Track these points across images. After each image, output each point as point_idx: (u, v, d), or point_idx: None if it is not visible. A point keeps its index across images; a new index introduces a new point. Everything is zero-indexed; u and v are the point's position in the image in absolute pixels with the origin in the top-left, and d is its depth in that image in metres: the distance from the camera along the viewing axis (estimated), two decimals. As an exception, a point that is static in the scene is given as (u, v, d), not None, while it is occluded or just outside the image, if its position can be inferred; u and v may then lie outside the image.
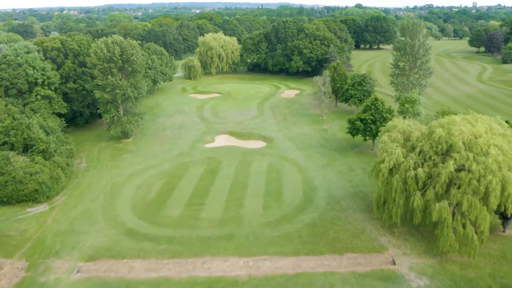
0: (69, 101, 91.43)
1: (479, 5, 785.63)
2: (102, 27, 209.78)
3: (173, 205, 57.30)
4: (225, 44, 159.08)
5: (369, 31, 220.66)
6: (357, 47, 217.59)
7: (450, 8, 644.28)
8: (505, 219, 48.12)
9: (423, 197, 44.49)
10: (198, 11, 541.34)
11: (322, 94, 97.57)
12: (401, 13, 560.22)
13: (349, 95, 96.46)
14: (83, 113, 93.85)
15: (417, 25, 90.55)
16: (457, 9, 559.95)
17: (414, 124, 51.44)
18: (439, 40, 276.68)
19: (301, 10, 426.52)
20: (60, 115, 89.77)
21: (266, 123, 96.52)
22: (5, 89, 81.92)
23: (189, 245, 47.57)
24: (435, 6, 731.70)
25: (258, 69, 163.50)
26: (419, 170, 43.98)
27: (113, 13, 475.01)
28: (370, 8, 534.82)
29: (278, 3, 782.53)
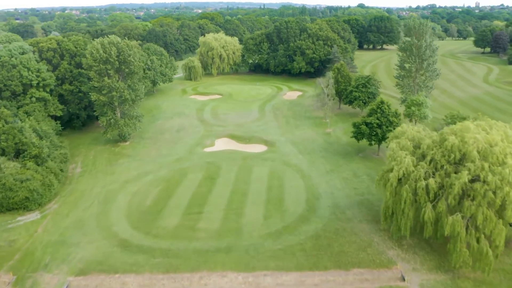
0: (65, 103, 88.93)
1: (481, 5, 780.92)
2: (101, 27, 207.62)
3: (169, 214, 54.63)
4: (226, 44, 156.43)
5: (372, 31, 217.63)
6: (360, 47, 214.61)
7: (453, 8, 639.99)
8: (521, 232, 45.36)
9: (435, 209, 41.73)
10: (200, 11, 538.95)
11: (325, 96, 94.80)
12: (404, 13, 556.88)
13: (353, 97, 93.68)
14: (79, 116, 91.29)
15: (424, 25, 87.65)
16: (460, 9, 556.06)
17: (424, 130, 48.63)
18: (443, 40, 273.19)
19: (303, 10, 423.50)
20: (56, 117, 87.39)
21: (267, 126, 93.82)
22: (-2, 91, 79.64)
23: (185, 259, 44.88)
24: (438, 6, 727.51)
25: (259, 70, 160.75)
26: (431, 180, 41.19)
27: (114, 13, 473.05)
28: (372, 8, 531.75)
29: (280, 3, 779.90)
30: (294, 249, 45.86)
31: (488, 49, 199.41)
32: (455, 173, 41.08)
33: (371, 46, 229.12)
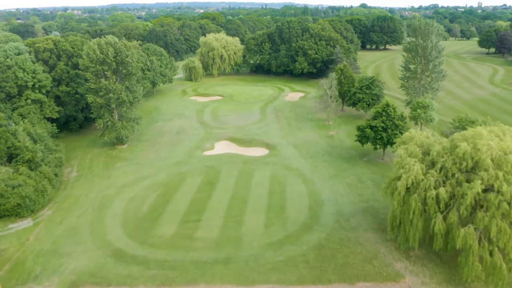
0: (62, 105, 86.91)
1: (484, 5, 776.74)
2: (101, 27, 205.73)
3: (166, 221, 52.48)
4: (227, 44, 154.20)
5: (375, 31, 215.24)
6: (363, 47, 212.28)
7: (455, 8, 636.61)
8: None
9: (445, 220, 39.44)
10: (202, 11, 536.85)
11: (328, 98, 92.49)
12: (406, 13, 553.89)
13: (356, 99, 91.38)
14: (76, 118, 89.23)
15: (430, 26, 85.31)
16: (462, 9, 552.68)
17: (433, 135, 46.31)
18: (446, 40, 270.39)
19: (305, 10, 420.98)
20: (52, 120, 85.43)
21: (269, 128, 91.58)
22: (-7, 92, 77.67)
23: (182, 271, 42.71)
24: (440, 6, 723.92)
25: (261, 71, 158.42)
26: (441, 189, 38.89)
27: (115, 12, 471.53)
28: (375, 8, 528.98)
29: (282, 3, 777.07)
30: (296, 261, 43.63)
31: (492, 50, 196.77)
32: (467, 182, 38.81)
33: (374, 46, 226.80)
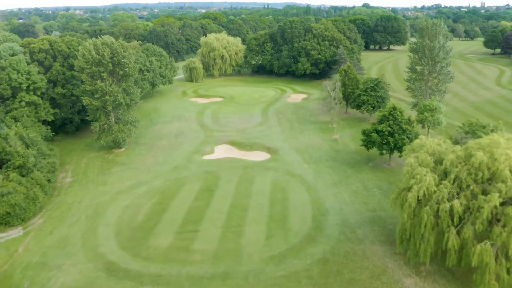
0: (58, 107, 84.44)
1: (487, 5, 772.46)
2: (100, 27, 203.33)
3: (162, 232, 49.85)
4: (229, 44, 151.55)
5: (379, 31, 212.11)
6: (366, 48, 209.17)
7: (458, 8, 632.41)
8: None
9: (459, 235, 36.73)
10: (204, 11, 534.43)
11: (332, 100, 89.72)
12: (409, 13, 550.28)
13: (361, 101, 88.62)
14: (72, 120, 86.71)
15: (437, 26, 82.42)
16: (466, 9, 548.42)
17: (444, 142, 43.51)
18: (451, 40, 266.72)
19: (307, 9, 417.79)
20: (48, 122, 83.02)
21: (270, 131, 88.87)
22: (-15, 95, 75.26)
23: (177, 287, 40.07)
24: (443, 6, 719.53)
25: (263, 71, 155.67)
26: (455, 202, 36.15)
27: (117, 12, 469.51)
28: (377, 8, 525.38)
29: (284, 3, 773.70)
30: (299, 276, 40.94)
31: (498, 50, 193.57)
32: (483, 194, 36.09)
33: (377, 46, 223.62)
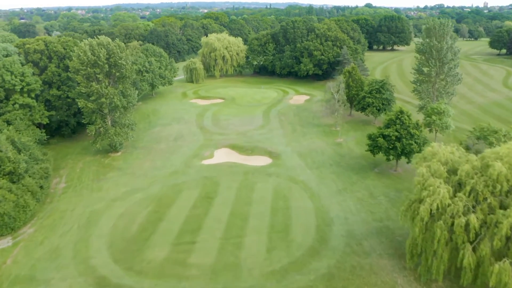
0: (53, 109, 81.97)
1: (490, 5, 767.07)
2: (100, 27, 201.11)
3: (157, 243, 47.25)
4: (230, 45, 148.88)
5: (382, 31, 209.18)
6: (370, 48, 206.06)
7: (461, 8, 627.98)
8: None
9: (475, 252, 34.03)
10: (206, 11, 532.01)
11: (335, 102, 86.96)
12: (412, 13, 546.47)
13: (366, 104, 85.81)
14: (68, 123, 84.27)
15: (445, 26, 79.75)
16: (469, 9, 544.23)
17: (457, 150, 40.74)
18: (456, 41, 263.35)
19: (310, 9, 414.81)
20: (44, 125, 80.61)
21: (272, 134, 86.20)
22: (-23, 97, 72.84)
23: (172, 305, 37.56)
24: (446, 6, 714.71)
25: (264, 72, 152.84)
26: (472, 217, 33.45)
27: (118, 12, 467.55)
28: (380, 7, 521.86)
29: (286, 3, 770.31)
30: (302, 294, 38.33)
31: (504, 51, 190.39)
32: (502, 208, 33.44)
33: (381, 47, 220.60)
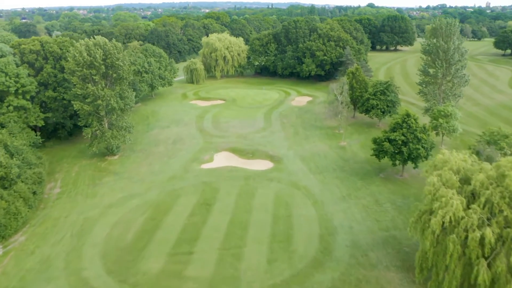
0: (49, 111, 79.91)
1: (493, 5, 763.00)
2: (99, 27, 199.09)
3: (152, 253, 45.07)
4: (231, 45, 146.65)
5: (385, 31, 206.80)
6: (373, 48, 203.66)
7: (464, 7, 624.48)
8: None
9: (490, 268, 31.69)
10: (208, 11, 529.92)
11: (339, 104, 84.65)
12: (415, 13, 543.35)
13: (370, 106, 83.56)
14: (65, 125, 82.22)
15: (452, 26, 77.38)
16: (471, 9, 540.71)
17: (470, 157, 38.44)
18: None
19: (312, 9, 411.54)
20: (40, 128, 78.63)
21: (274, 137, 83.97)
22: (-30, 99, 70.84)
23: (166, 322, 35.39)
24: (448, 6, 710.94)
25: (266, 73, 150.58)
26: (487, 230, 31.15)
27: (119, 12, 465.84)
28: (383, 7, 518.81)
29: (288, 3, 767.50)
30: (305, 310, 36.12)
31: (509, 51, 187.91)
32: (520, 221, 31.13)
33: (384, 47, 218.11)
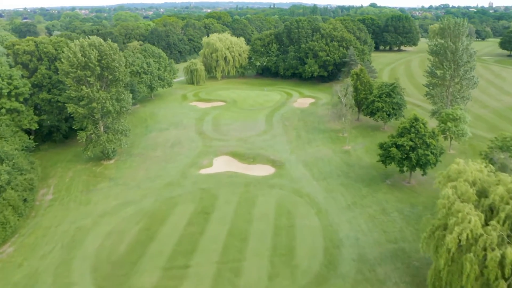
0: (44, 113, 77.42)
1: (495, 5, 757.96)
2: (98, 26, 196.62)
3: (146, 267, 42.44)
4: (232, 45, 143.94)
5: (389, 31, 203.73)
6: (376, 48, 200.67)
7: (467, 7, 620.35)
8: None
9: (512, 289, 29.09)
10: (210, 11, 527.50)
11: (343, 106, 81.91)
12: (417, 13, 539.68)
13: (375, 108, 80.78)
14: (60, 128, 79.69)
15: (460, 26, 74.64)
16: (474, 9, 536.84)
17: (486, 166, 35.66)
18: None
19: (314, 9, 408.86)
20: (34, 131, 76.22)
21: (275, 140, 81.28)
22: (-39, 102, 68.37)
23: None
24: (451, 6, 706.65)
25: (268, 74, 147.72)
26: (508, 250, 28.46)
27: (120, 12, 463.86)
28: (385, 7, 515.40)
29: (290, 3, 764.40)
30: (308, 333, 33.44)
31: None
32: (544, 239, 28.44)
33: (387, 47, 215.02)
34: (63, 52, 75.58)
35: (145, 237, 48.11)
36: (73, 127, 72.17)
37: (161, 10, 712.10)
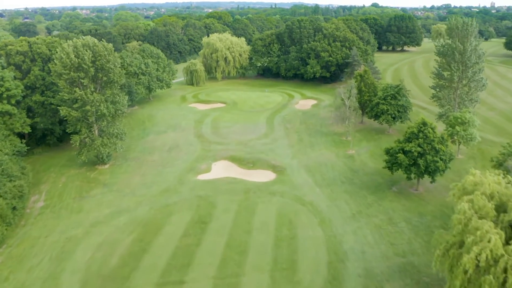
0: (37, 116, 74.93)
1: (497, 5, 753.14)
2: (97, 26, 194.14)
3: (138, 282, 39.81)
4: (232, 45, 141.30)
5: (392, 31, 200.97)
6: (379, 49, 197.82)
7: (469, 7, 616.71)
8: None
9: (537, 316, 26.38)
10: (211, 11, 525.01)
11: (347, 109, 79.21)
12: (419, 13, 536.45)
13: (380, 111, 78.07)
14: (53, 131, 77.21)
15: (468, 26, 71.90)
16: (476, 9, 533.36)
17: (504, 177, 32.95)
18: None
19: (316, 9, 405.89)
20: (28, 134, 73.77)
21: (276, 144, 78.66)
22: (-49, 104, 65.91)
23: None
24: (453, 6, 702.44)
25: (269, 74, 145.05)
26: (533, 272, 25.82)
27: (120, 11, 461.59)
28: (387, 7, 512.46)
29: (291, 3, 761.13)
30: None
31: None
32: None
33: (390, 47, 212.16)
34: (56, 52, 73.23)
35: (138, 248, 45.49)
36: (67, 131, 69.69)
37: (162, 10, 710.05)
